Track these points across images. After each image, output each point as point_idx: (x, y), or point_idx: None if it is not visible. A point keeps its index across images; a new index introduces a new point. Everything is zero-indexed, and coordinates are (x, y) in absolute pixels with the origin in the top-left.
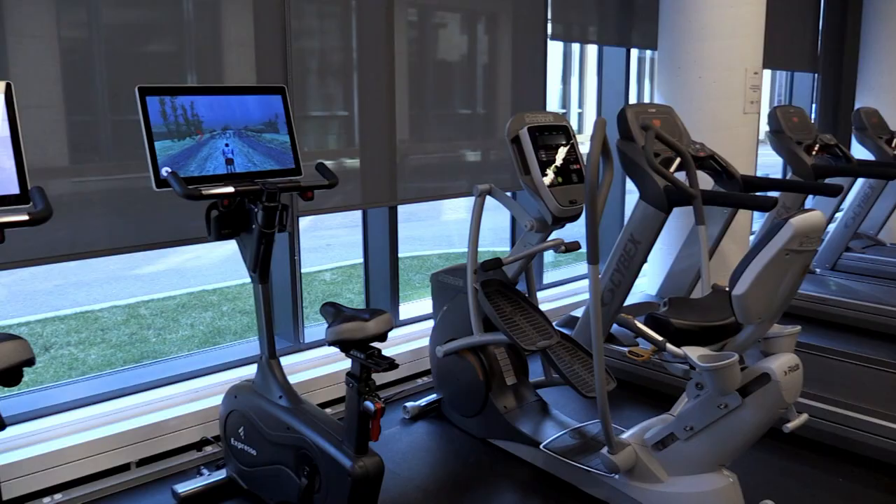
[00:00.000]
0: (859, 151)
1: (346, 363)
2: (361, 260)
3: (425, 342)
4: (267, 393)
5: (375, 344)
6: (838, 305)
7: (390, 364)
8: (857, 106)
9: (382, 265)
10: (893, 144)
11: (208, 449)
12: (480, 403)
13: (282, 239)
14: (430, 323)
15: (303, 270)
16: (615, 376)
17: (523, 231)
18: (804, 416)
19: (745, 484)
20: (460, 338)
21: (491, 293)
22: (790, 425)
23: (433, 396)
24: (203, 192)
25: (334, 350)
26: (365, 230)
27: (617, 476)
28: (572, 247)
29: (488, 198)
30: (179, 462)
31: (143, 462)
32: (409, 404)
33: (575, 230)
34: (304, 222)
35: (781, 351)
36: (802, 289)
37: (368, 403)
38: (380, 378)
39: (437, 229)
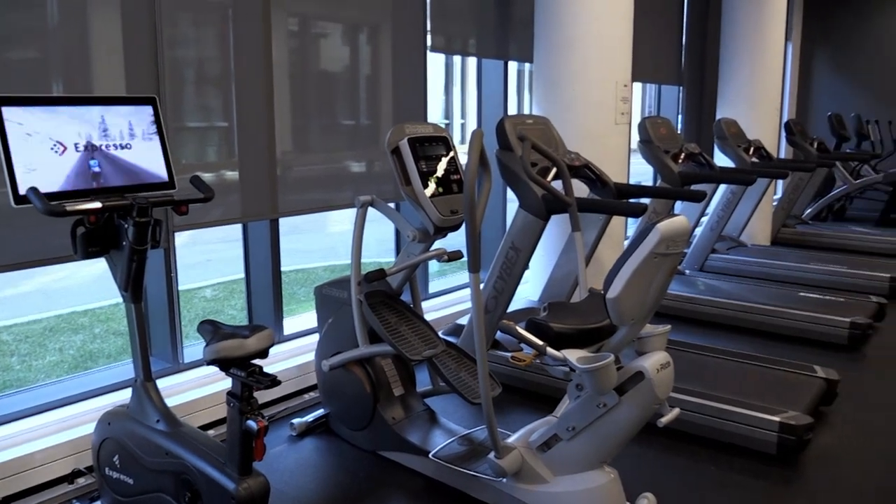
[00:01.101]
0: (721, 159)
1: (228, 382)
2: (243, 275)
3: (312, 357)
4: (143, 418)
5: (257, 361)
6: (706, 304)
7: (272, 381)
8: (718, 117)
9: (265, 280)
10: (751, 152)
11: (81, 481)
12: (368, 416)
13: (157, 255)
14: (316, 337)
15: (181, 287)
16: (501, 382)
17: (406, 242)
18: (676, 411)
19: (625, 478)
20: (346, 351)
21: (375, 304)
22: (663, 420)
23: (321, 411)
24: (67, 208)
25: (215, 370)
26: (246, 244)
27: (504, 479)
28: (455, 256)
29: (372, 209)
30: (50, 497)
31: (8, 500)
32: (295, 421)
33: (459, 239)
34: (183, 237)
35: (654, 349)
36: (673, 289)
37: (251, 422)
38: (263, 396)
39: (323, 241)
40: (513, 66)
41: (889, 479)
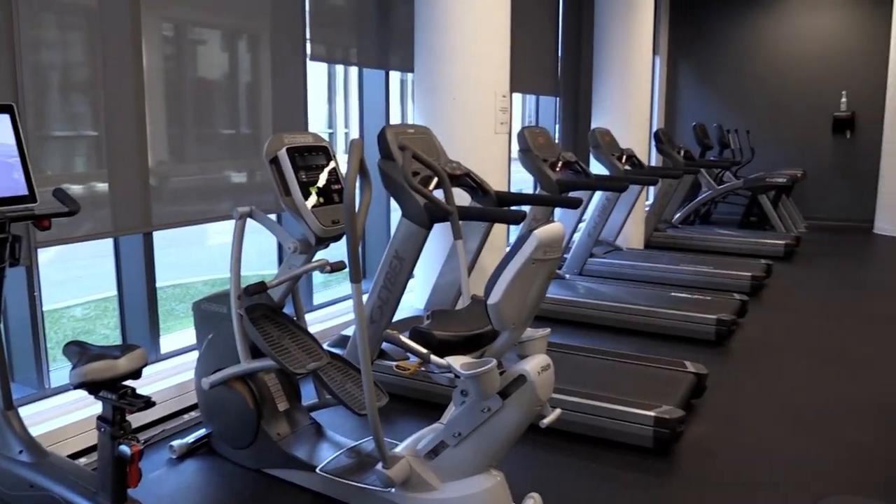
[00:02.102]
0: (596, 167)
1: (99, 407)
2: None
3: (191, 375)
4: (4, 449)
5: (129, 382)
6: (585, 306)
7: (146, 402)
8: (592, 126)
9: (139, 296)
10: (624, 160)
11: None
12: (252, 433)
13: (20, 274)
14: (195, 354)
15: (49, 307)
16: (388, 391)
17: (288, 253)
18: (558, 411)
19: (512, 480)
20: (227, 367)
21: (257, 318)
22: (546, 421)
23: (202, 431)
24: None
25: (84, 394)
26: (117, 259)
27: (393, 490)
28: (337, 266)
29: (252, 220)
30: None
31: None
32: (175, 443)
33: (342, 250)
34: (49, 253)
35: (535, 353)
36: (554, 293)
37: (124, 447)
38: (139, 418)
39: (202, 254)
40: (396, 75)
41: (755, 466)
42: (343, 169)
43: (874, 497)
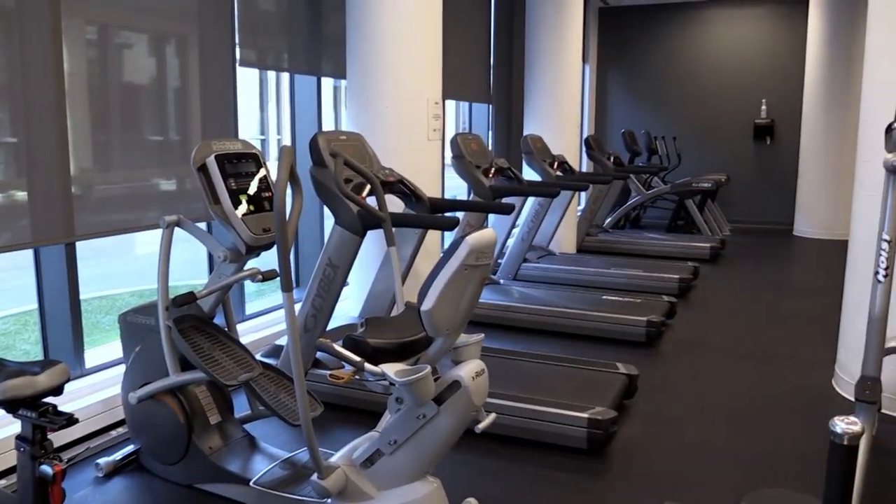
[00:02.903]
0: (529, 173)
1: (18, 426)
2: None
3: (118, 390)
4: None
5: (50, 399)
6: (520, 311)
7: (68, 420)
8: (524, 133)
9: (61, 309)
10: (556, 166)
11: None
12: (183, 448)
13: None
14: (122, 368)
15: None
16: (323, 400)
17: (218, 262)
18: (492, 416)
19: (449, 486)
20: (156, 380)
21: (186, 330)
22: (480, 426)
23: (130, 448)
24: None
25: (2, 413)
26: (38, 271)
27: (329, 500)
28: (269, 275)
29: (181, 230)
30: None
31: None
32: (102, 461)
33: (275, 258)
34: None
35: (469, 358)
36: (489, 298)
37: (45, 467)
38: (62, 436)
39: (129, 265)
40: (329, 81)
41: (684, 462)
42: (274, 176)
43: (795, 488)
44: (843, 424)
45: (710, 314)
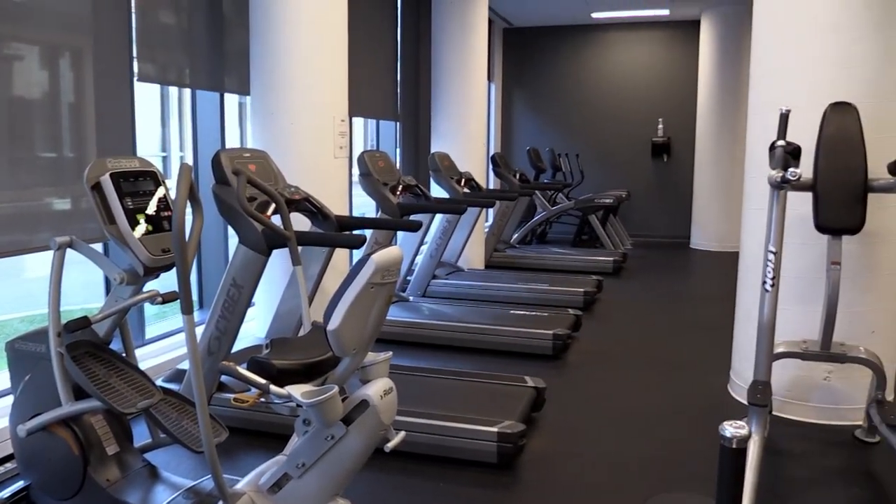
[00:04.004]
0: (436, 190)
1: None
2: None
3: (6, 422)
4: None
5: None
6: (429, 328)
7: None
8: (432, 151)
9: None
10: (463, 183)
11: None
12: (78, 482)
13: None
14: (10, 399)
15: None
16: (228, 425)
17: (114, 285)
18: (402, 434)
19: None
20: (47, 411)
21: (79, 356)
22: (390, 444)
23: (20, 484)
24: None
25: None
26: None
27: None
28: (170, 297)
29: (73, 251)
30: None
31: None
32: None
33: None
34: None
35: (377, 376)
36: (398, 316)
37: None
38: None
39: (19, 289)
40: (234, 97)
41: (592, 471)
42: (173, 195)
43: (697, 491)
44: (732, 429)
45: (614, 325)
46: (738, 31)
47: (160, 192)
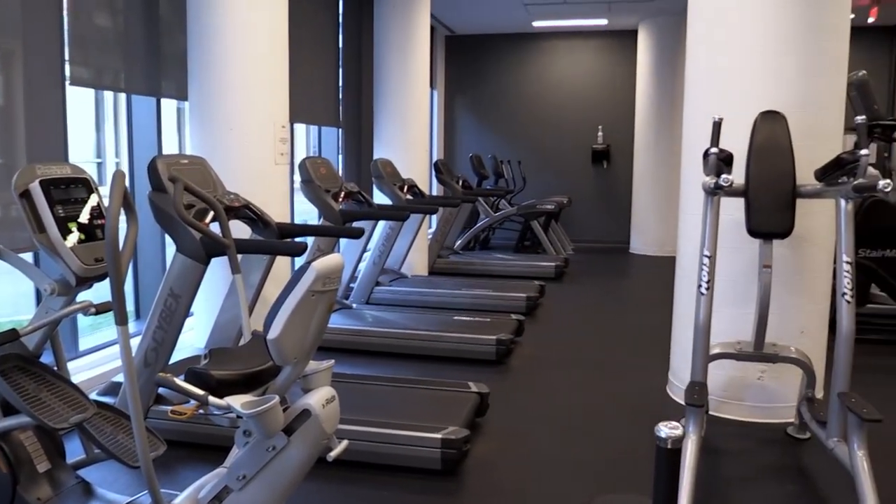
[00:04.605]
0: (379, 197)
1: None
2: None
3: None
4: None
5: None
6: (372, 335)
7: None
8: (374, 157)
9: None
10: (406, 190)
11: None
12: (7, 501)
13: None
14: None
15: None
16: (166, 438)
17: (45, 296)
18: (345, 443)
19: None
20: None
21: (7, 371)
22: (333, 454)
23: None
24: None
25: None
26: None
27: None
28: (103, 308)
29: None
30: None
31: None
32: None
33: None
34: None
35: (319, 385)
36: (341, 323)
37: None
38: None
39: None
40: (172, 102)
41: (536, 474)
42: (107, 203)
43: (637, 491)
44: (667, 429)
45: (557, 330)
46: (673, 41)
47: (93, 199)
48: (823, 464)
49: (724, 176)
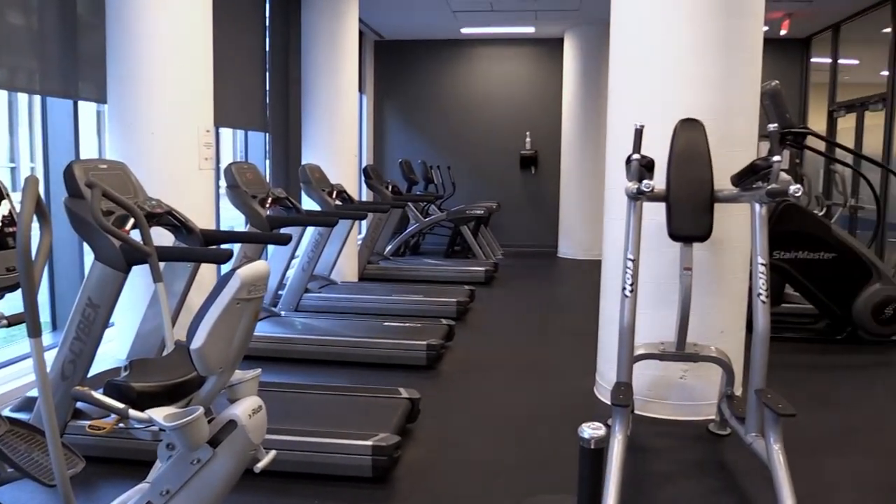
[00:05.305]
0: (308, 203)
1: None
2: None
3: None
4: None
5: None
6: (302, 343)
7: None
8: (303, 162)
9: None
10: (334, 196)
11: None
12: None
13: None
14: None
15: None
16: (85, 454)
17: None
18: (272, 453)
19: None
20: None
21: None
22: (260, 465)
23: None
24: None
25: None
26: None
27: None
28: (16, 319)
29: None
30: None
31: None
32: None
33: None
34: None
35: (246, 395)
36: (269, 331)
37: None
38: None
39: None
40: (91, 106)
41: (467, 478)
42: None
43: (566, 493)
44: (590, 430)
45: (487, 334)
46: (598, 49)
47: (4, 206)
48: (743, 458)
49: (645, 181)
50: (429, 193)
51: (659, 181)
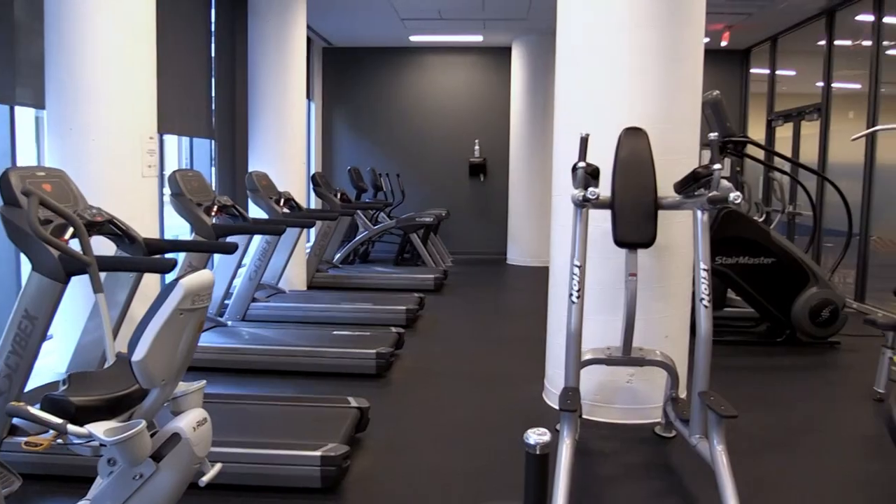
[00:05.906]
0: (255, 211)
1: None
2: None
3: None
4: None
5: None
6: (249, 353)
7: None
8: (249, 169)
9: None
10: (282, 203)
11: None
12: None
13: None
14: None
15: None
16: (22, 472)
17: None
18: (218, 466)
19: None
20: None
21: None
22: (205, 478)
23: None
24: None
25: None
26: None
27: None
28: None
29: None
30: None
31: None
32: None
33: None
34: None
35: (190, 407)
36: (215, 341)
37: None
38: None
39: None
40: (29, 111)
41: (417, 486)
42: None
43: (515, 499)
44: (535, 436)
45: (437, 341)
46: (545, 58)
47: None
48: (688, 460)
49: (591, 189)
50: (378, 201)
51: (604, 188)
